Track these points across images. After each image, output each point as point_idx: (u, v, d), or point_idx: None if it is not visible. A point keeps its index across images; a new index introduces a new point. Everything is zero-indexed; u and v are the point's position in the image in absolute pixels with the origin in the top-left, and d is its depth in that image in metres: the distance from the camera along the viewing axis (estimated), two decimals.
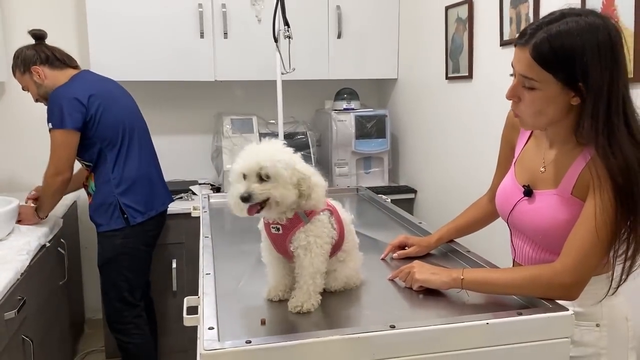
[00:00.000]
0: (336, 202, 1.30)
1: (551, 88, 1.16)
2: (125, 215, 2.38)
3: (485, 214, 1.56)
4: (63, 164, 2.28)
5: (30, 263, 2.03)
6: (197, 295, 1.32)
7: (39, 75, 2.33)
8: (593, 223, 1.13)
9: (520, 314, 1.09)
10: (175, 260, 2.76)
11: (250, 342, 0.98)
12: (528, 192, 1.29)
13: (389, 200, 2.18)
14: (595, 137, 1.14)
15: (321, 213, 1.20)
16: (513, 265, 1.39)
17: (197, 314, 1.20)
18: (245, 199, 1.11)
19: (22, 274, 1.92)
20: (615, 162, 1.12)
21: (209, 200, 2.25)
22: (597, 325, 1.25)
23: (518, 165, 1.38)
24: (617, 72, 1.13)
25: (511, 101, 1.25)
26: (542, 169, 1.29)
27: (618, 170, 1.12)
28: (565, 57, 1.13)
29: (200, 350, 0.98)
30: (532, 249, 1.30)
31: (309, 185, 1.16)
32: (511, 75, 1.24)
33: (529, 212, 1.28)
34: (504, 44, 2.22)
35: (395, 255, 1.51)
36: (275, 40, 2.43)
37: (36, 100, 2.39)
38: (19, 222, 2.32)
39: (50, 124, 2.26)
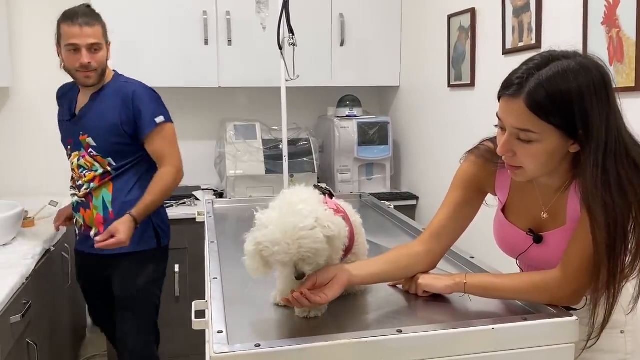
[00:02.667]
0: (347, 203, 1.32)
1: (551, 139, 1.08)
2: (159, 235, 2.19)
3: (420, 266, 1.30)
4: (180, 159, 2.17)
5: (35, 267, 2.05)
6: (202, 300, 1.33)
7: (108, 49, 2.11)
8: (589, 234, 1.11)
9: (526, 319, 1.11)
10: (178, 265, 2.76)
11: (259, 345, 0.99)
12: (538, 239, 1.24)
13: (392, 206, 2.19)
14: (593, 187, 1.08)
15: None
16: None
17: (204, 318, 1.21)
18: (301, 277, 1.12)
19: (27, 278, 1.94)
20: (604, 219, 1.07)
21: (213, 205, 2.26)
22: (622, 332, 1.25)
23: (509, 212, 1.31)
24: (611, 111, 1.08)
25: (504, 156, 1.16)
26: (545, 215, 1.24)
27: (606, 227, 1.07)
28: (564, 102, 1.05)
29: (210, 353, 0.99)
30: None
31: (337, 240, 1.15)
32: (496, 126, 1.16)
33: (545, 254, 1.24)
34: (506, 52, 2.24)
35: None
36: (280, 48, 2.45)
37: (91, 72, 2.01)
38: (112, 240, 1.95)
39: (161, 117, 2.10)
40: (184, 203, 2.94)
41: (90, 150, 2.08)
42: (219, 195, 3.10)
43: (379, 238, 1.75)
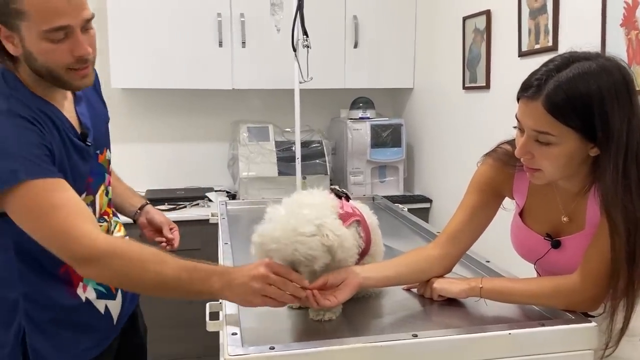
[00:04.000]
0: (363, 205, 1.31)
1: (570, 141, 1.07)
2: None
3: (435, 270, 1.29)
4: None
5: None
6: (217, 301, 1.33)
7: None
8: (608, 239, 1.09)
9: (543, 325, 1.09)
10: None
11: (273, 348, 0.99)
12: (556, 244, 1.23)
13: (406, 209, 2.18)
14: (614, 192, 1.06)
15: (349, 225, 1.20)
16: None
17: (218, 319, 1.21)
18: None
19: None
20: (624, 225, 1.06)
21: (226, 207, 2.27)
22: None
23: (527, 216, 1.30)
24: (633, 114, 1.06)
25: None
26: (565, 219, 1.22)
27: (625, 232, 1.06)
28: (583, 105, 1.04)
29: (224, 355, 0.99)
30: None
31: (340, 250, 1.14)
32: (515, 127, 1.15)
33: (563, 259, 1.22)
34: (522, 54, 2.22)
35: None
36: (294, 50, 2.45)
37: (89, 66, 1.25)
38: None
39: None
40: (197, 204, 2.95)
41: (110, 167, 1.46)
42: (232, 196, 3.10)
43: (392, 241, 1.73)
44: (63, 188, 1.13)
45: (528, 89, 1.09)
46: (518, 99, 1.13)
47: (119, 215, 1.57)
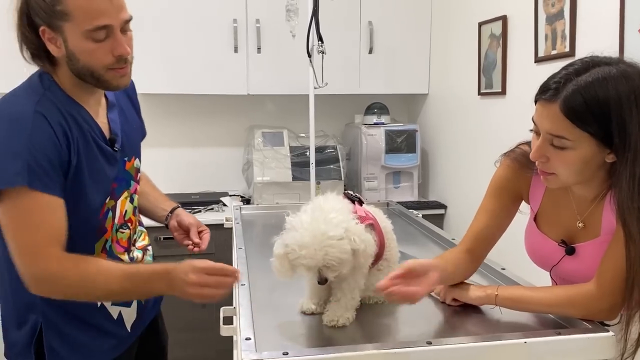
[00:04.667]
0: (377, 209, 1.31)
1: (585, 147, 1.06)
2: None
3: (465, 269, 1.30)
4: None
5: None
6: (229, 305, 1.34)
7: None
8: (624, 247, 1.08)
9: (559, 334, 1.08)
10: None
11: (287, 353, 0.99)
12: (570, 251, 1.21)
13: (420, 215, 2.17)
14: (630, 199, 1.05)
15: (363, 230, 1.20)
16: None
17: (232, 324, 1.22)
18: (323, 283, 1.13)
19: None
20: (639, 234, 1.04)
21: (240, 211, 2.28)
22: None
23: (542, 221, 1.29)
24: None
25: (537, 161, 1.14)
26: (580, 224, 1.21)
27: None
28: (601, 110, 1.02)
29: None
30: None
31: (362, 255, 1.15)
32: (531, 130, 1.14)
33: (578, 266, 1.21)
34: (538, 60, 2.20)
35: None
36: (309, 55, 2.46)
37: (128, 66, 1.29)
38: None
39: None
40: (212, 209, 2.97)
41: (139, 177, 1.46)
42: (246, 201, 3.11)
43: (406, 247, 1.73)
44: (50, 208, 1.17)
45: (546, 92, 1.08)
46: (535, 102, 1.12)
47: (143, 224, 1.58)
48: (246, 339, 1.04)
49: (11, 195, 1.14)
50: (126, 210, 1.38)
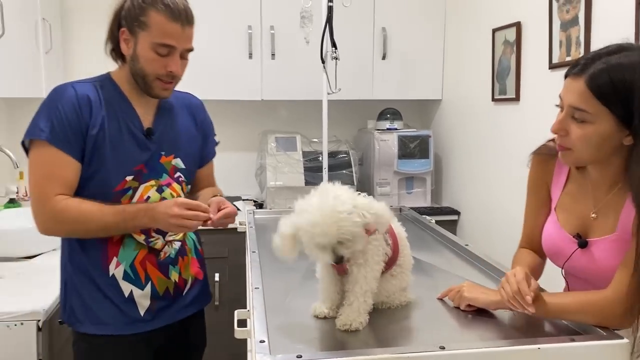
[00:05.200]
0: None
1: (604, 123, 1.10)
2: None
3: (536, 264, 1.37)
4: None
5: None
6: (242, 309, 1.35)
7: None
8: None
9: (573, 340, 1.08)
10: (218, 274, 2.80)
11: (300, 356, 0.99)
12: (583, 244, 1.22)
13: (433, 221, 2.17)
14: None
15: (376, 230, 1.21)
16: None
17: (246, 327, 1.23)
18: (339, 261, 1.15)
19: None
20: None
21: (254, 215, 2.29)
22: None
23: (560, 211, 1.30)
24: None
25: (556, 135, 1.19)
26: (593, 215, 1.22)
27: None
28: (625, 91, 1.06)
29: None
30: (590, 287, 1.25)
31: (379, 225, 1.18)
32: (557, 106, 1.18)
33: (589, 262, 1.22)
34: (553, 66, 2.20)
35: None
36: (323, 61, 2.48)
37: (173, 83, 1.53)
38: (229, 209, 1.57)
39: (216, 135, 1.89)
40: None
41: (177, 174, 1.59)
42: (259, 205, 3.13)
43: (420, 253, 1.73)
44: (64, 164, 1.42)
45: (575, 67, 1.13)
46: (565, 77, 1.17)
47: None
48: (260, 341, 1.05)
49: (36, 146, 1.42)
50: (149, 197, 1.52)
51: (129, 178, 1.48)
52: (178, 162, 1.59)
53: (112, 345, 1.51)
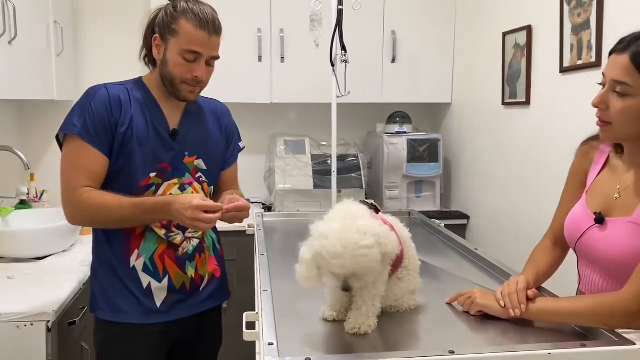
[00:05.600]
0: (394, 218, 1.31)
1: None
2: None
3: (555, 259, 1.42)
4: None
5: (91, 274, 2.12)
6: (252, 311, 1.35)
7: None
8: None
9: (584, 346, 1.06)
10: None
11: (309, 359, 0.99)
12: (600, 220, 1.25)
13: (443, 225, 2.16)
14: None
15: None
16: (577, 294, 1.36)
17: (254, 329, 1.23)
18: (347, 290, 1.15)
19: (84, 284, 2.01)
20: None
21: (262, 218, 2.29)
22: None
23: (590, 193, 1.33)
24: None
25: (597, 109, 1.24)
26: (617, 195, 1.25)
27: None
28: None
29: None
30: (601, 278, 1.27)
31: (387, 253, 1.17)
32: (599, 84, 1.23)
33: (601, 240, 1.24)
34: (564, 70, 2.19)
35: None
36: (332, 65, 2.48)
37: (199, 87, 1.62)
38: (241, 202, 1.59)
39: (242, 141, 1.95)
40: None
41: (199, 175, 1.67)
42: (267, 208, 3.13)
43: (428, 257, 1.72)
44: (93, 158, 1.52)
45: (620, 44, 1.18)
46: (609, 55, 1.21)
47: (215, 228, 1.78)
48: (269, 344, 1.05)
49: (68, 140, 1.53)
50: (171, 194, 1.60)
51: (152, 174, 1.57)
52: (200, 163, 1.67)
53: (129, 334, 1.59)
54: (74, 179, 1.51)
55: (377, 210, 1.29)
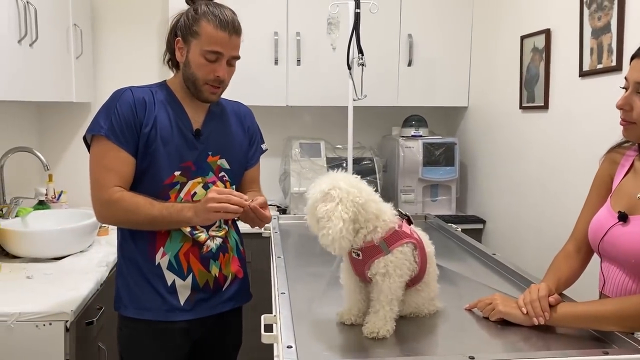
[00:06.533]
0: (423, 233, 1.30)
1: None
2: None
3: (577, 266, 1.39)
4: None
5: (108, 274, 2.14)
6: (268, 313, 1.34)
7: None
8: None
9: (607, 354, 1.05)
10: None
11: None
12: (623, 217, 1.25)
13: (459, 229, 2.15)
14: None
15: (405, 245, 1.19)
16: (600, 298, 1.34)
17: (272, 332, 1.22)
18: None
19: (101, 284, 2.02)
20: None
21: (278, 221, 2.30)
22: None
23: (614, 196, 1.33)
24: None
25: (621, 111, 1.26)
26: (639, 195, 1.25)
27: None
28: None
29: None
30: (623, 277, 1.25)
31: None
32: (622, 87, 1.26)
33: (623, 236, 1.23)
34: (583, 74, 2.16)
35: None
36: (349, 68, 2.48)
37: (220, 88, 1.64)
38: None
39: (264, 143, 1.99)
40: None
41: (222, 174, 1.69)
42: (282, 211, 3.14)
43: (445, 261, 1.71)
44: (120, 158, 1.55)
45: None
46: (631, 61, 1.24)
47: (237, 228, 1.84)
48: (288, 347, 1.05)
49: (96, 141, 1.57)
50: (195, 192, 1.63)
51: (177, 173, 1.61)
52: (223, 163, 1.70)
53: (152, 331, 1.62)
54: (103, 178, 1.55)
55: (409, 222, 1.28)
